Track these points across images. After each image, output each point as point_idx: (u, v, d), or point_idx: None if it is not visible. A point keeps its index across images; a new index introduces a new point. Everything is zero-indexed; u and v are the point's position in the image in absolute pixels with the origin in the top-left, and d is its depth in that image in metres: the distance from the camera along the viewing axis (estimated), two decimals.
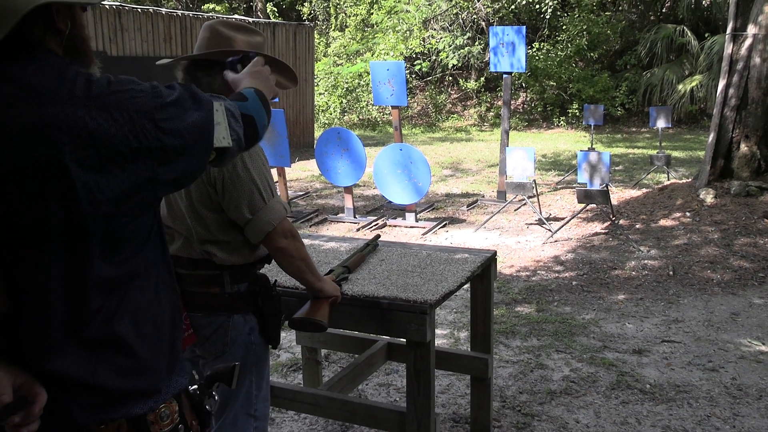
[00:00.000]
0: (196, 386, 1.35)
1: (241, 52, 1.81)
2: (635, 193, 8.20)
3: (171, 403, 1.23)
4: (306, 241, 3.07)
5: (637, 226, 6.60)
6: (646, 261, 5.65)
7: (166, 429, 1.20)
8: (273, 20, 15.93)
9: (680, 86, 15.68)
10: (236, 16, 15.26)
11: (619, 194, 8.17)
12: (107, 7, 9.67)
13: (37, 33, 1.14)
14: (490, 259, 2.84)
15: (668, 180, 8.73)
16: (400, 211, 7.65)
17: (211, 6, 19.79)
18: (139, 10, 10.33)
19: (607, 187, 6.47)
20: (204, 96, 1.24)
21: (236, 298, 1.97)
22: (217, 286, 1.96)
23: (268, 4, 19.71)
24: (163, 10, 11.23)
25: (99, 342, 1.14)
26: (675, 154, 11.23)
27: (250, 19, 13.03)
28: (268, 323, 2.03)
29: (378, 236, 2.96)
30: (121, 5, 9.99)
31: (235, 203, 1.91)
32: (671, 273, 5.36)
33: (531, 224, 7.18)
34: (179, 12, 11.25)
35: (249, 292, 1.99)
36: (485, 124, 17.70)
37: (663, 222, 6.56)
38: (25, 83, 1.09)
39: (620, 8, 18.85)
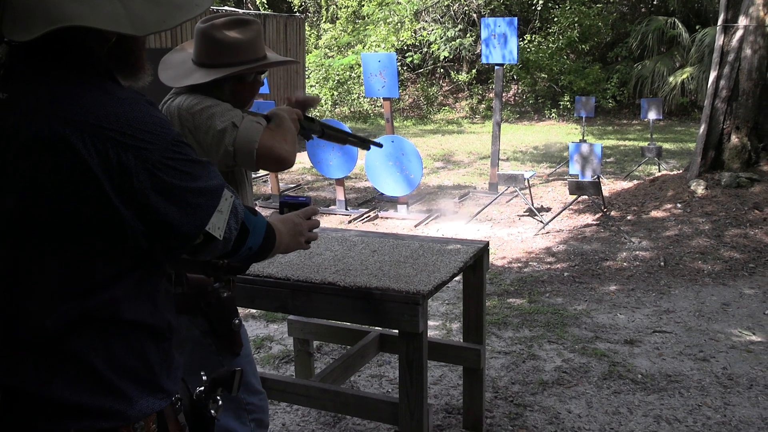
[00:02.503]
0: (201, 389, 1.32)
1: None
2: (626, 184, 8.22)
3: (147, 418, 1.15)
4: None
5: (629, 218, 6.62)
6: (637, 252, 5.67)
7: None
8: (263, 12, 15.83)
9: (671, 78, 15.71)
10: (226, 7, 15.15)
11: (610, 186, 8.19)
12: None
13: (77, 37, 1.08)
14: (483, 249, 2.83)
15: (659, 172, 8.76)
16: (392, 203, 7.64)
17: None
18: None
19: (599, 179, 6.47)
20: (219, 178, 1.19)
21: (178, 299, 1.90)
22: None
23: None
24: None
25: (58, 353, 1.08)
26: (666, 145, 11.26)
27: (240, 11, 12.94)
28: (216, 328, 1.92)
29: (378, 143, 2.61)
30: None
31: (215, 151, 1.88)
32: (662, 264, 5.38)
33: (522, 216, 7.18)
34: None
35: (183, 295, 1.87)
36: (477, 116, 17.68)
37: (654, 213, 6.58)
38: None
39: (611, 0, 18.87)
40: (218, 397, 1.33)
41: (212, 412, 1.31)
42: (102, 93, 1.08)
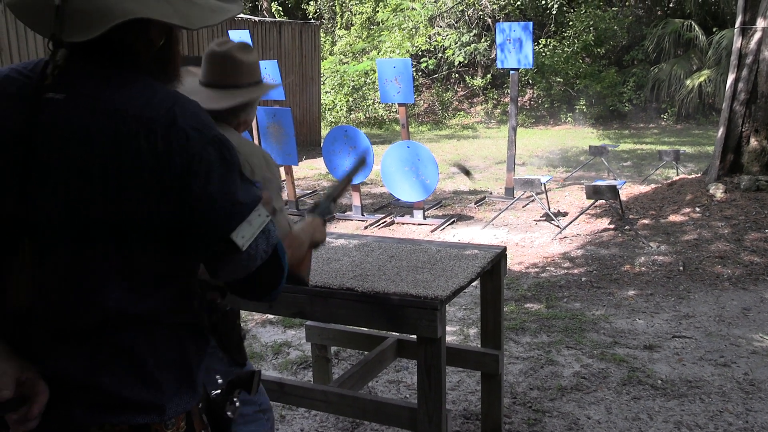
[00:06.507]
0: (218, 391, 1.33)
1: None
2: (644, 188, 8.16)
3: (178, 417, 1.19)
4: None
5: (646, 222, 6.57)
6: (655, 257, 5.62)
7: None
8: (279, 19, 15.93)
9: (688, 81, 15.60)
10: (241, 15, 15.25)
11: (627, 190, 8.13)
12: None
13: (128, 38, 1.12)
14: (500, 254, 2.83)
15: (677, 175, 8.69)
16: (408, 208, 7.64)
17: None
18: None
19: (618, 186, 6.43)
20: (258, 193, 1.18)
21: None
22: None
23: (273, 3, 19.73)
24: None
25: (107, 345, 1.12)
26: (684, 149, 11.17)
27: (256, 18, 13.03)
28: (224, 342, 1.90)
29: (365, 152, 2.70)
30: None
31: None
32: (681, 268, 5.33)
33: (539, 221, 7.15)
34: None
35: None
36: (492, 121, 17.65)
37: (672, 217, 6.52)
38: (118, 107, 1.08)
39: (627, 3, 18.78)
40: (235, 399, 1.35)
41: (229, 413, 1.33)
42: (164, 90, 1.13)
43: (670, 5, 18.40)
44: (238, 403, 1.35)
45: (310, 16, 20.10)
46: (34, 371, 1.10)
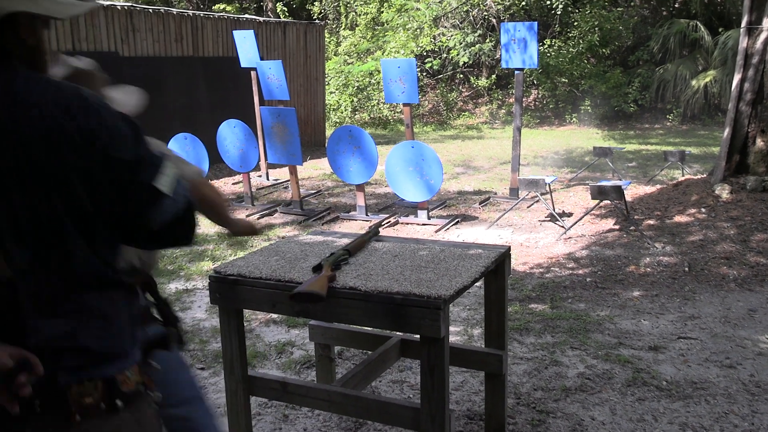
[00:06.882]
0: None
1: None
2: (649, 189, 8.13)
3: (133, 366, 1.37)
4: (319, 238, 3.06)
5: (652, 223, 6.55)
6: (661, 257, 5.60)
7: (132, 387, 1.35)
8: (283, 19, 15.95)
9: (694, 82, 15.55)
10: (247, 16, 15.26)
11: (632, 191, 8.10)
12: (119, 8, 9.71)
13: (5, 41, 1.24)
14: (504, 254, 2.81)
15: (682, 176, 8.65)
16: (412, 208, 7.63)
17: (222, 6, 19.84)
18: (151, 10, 10.36)
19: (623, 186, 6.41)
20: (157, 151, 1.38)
21: None
22: None
23: (278, 4, 19.73)
24: (174, 10, 11.26)
25: (82, 310, 1.29)
26: (689, 150, 11.13)
27: (261, 19, 13.03)
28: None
29: (379, 224, 3.02)
30: (132, 6, 10.02)
31: None
32: (687, 269, 5.30)
33: (544, 221, 7.13)
34: (190, 12, 11.27)
35: None
36: (497, 121, 17.63)
37: (678, 218, 6.50)
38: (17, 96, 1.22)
39: (632, 4, 18.72)
40: (152, 362, 1.49)
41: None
42: (56, 80, 1.30)
43: (676, 5, 18.34)
44: (156, 364, 1.47)
45: (315, 17, 20.11)
46: (12, 346, 1.22)
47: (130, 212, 1.32)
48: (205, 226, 7.26)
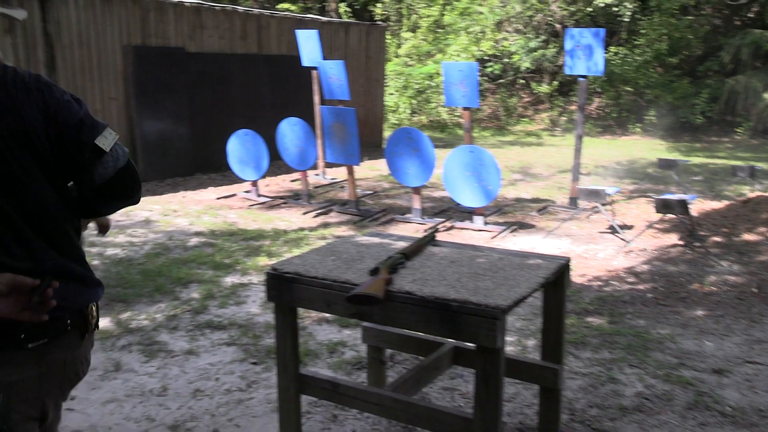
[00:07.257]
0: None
1: None
2: (716, 204, 7.83)
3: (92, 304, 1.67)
4: (375, 240, 3.04)
5: (718, 240, 6.30)
6: (727, 276, 5.37)
7: (94, 321, 1.68)
8: (346, 20, 16.05)
9: (766, 95, 14.94)
10: (310, 15, 15.43)
11: (698, 205, 7.82)
12: (187, 4, 9.93)
13: None
14: (565, 266, 2.73)
15: (752, 192, 8.31)
16: (468, 213, 7.55)
17: (286, 6, 20.11)
18: (218, 8, 10.57)
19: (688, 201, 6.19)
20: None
21: None
22: None
23: (341, 4, 19.88)
24: (240, 8, 11.46)
25: (64, 240, 1.60)
26: (760, 165, 10.69)
27: (324, 19, 13.15)
28: None
29: (436, 228, 3.00)
30: (200, 3, 10.24)
31: None
32: (755, 290, 5.07)
33: (603, 233, 6.95)
34: (255, 10, 11.46)
35: None
36: (557, 128, 17.33)
37: (746, 236, 6.23)
38: None
39: (703, 12, 18.12)
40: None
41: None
42: (11, 66, 1.57)
43: (750, 15, 17.67)
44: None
45: (377, 19, 20.18)
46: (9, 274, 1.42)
47: (77, 166, 1.58)
48: (262, 221, 7.34)
